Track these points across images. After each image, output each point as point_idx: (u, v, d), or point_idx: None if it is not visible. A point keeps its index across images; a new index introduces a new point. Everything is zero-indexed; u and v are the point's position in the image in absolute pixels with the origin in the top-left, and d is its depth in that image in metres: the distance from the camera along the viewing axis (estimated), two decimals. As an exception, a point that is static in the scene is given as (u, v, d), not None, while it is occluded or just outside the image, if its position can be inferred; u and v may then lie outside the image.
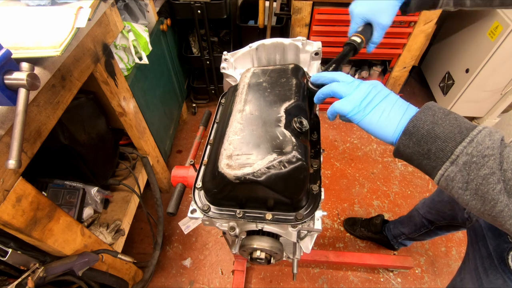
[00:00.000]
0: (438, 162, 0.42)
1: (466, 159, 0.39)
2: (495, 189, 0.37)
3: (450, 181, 0.41)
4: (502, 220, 0.38)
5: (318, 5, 1.75)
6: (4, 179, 0.66)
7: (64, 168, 1.22)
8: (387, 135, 0.48)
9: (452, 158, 0.40)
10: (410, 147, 0.45)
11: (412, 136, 0.44)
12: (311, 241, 0.78)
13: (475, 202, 0.40)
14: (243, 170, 0.56)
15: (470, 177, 0.39)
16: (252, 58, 0.92)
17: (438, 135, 0.42)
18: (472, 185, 0.39)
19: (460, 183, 0.40)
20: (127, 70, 1.36)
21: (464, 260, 0.87)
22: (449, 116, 0.43)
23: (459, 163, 0.39)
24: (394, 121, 0.47)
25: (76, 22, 0.79)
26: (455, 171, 0.40)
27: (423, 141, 0.43)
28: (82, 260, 0.96)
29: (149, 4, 1.51)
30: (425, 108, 0.45)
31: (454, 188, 0.41)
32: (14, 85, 0.58)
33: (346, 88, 0.53)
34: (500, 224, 0.40)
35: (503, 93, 1.96)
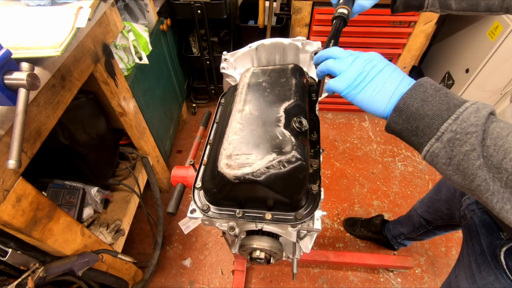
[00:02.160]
0: (425, 139, 0.43)
1: (450, 136, 0.40)
2: (474, 165, 0.39)
3: (435, 157, 0.43)
4: (479, 193, 0.40)
5: (318, 5, 1.75)
6: (4, 179, 0.66)
7: (64, 168, 1.22)
8: (378, 111, 0.49)
9: (437, 135, 0.42)
10: (400, 124, 0.46)
11: (402, 113, 0.45)
12: (311, 241, 0.78)
13: (456, 177, 0.42)
14: (242, 170, 0.56)
15: (453, 153, 0.40)
16: (252, 58, 0.92)
17: (426, 113, 0.43)
18: (455, 161, 0.41)
19: (444, 159, 0.42)
20: (127, 70, 1.36)
21: (459, 257, 0.88)
22: (439, 92, 0.44)
23: (444, 140, 0.41)
24: (386, 97, 0.48)
25: (76, 22, 0.79)
26: (440, 147, 0.42)
27: (412, 118, 0.44)
28: (82, 260, 0.96)
29: (149, 4, 1.51)
30: (417, 84, 0.46)
31: (438, 163, 0.43)
32: (14, 85, 0.58)
33: (341, 65, 0.53)
34: (478, 197, 0.41)
35: (503, 93, 1.96)
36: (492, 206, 0.40)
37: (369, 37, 1.84)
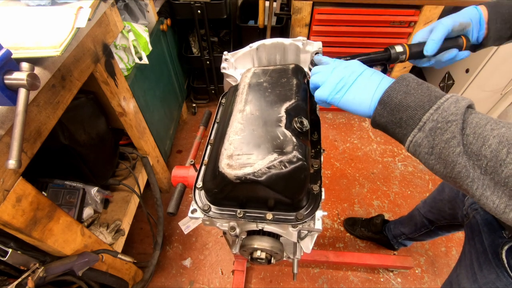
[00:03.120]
0: (408, 130, 0.45)
1: (432, 125, 0.42)
2: (454, 152, 0.40)
3: (418, 146, 0.44)
4: (460, 180, 0.41)
5: (318, 5, 1.75)
6: (4, 179, 0.66)
7: (64, 168, 1.22)
8: (364, 110, 0.51)
9: (420, 125, 0.43)
10: (384, 116, 0.48)
11: (386, 106, 0.47)
12: (312, 241, 0.78)
13: (438, 166, 0.43)
14: (243, 170, 0.56)
15: (435, 142, 0.42)
16: (253, 58, 0.92)
17: (409, 104, 0.44)
18: (436, 150, 0.42)
19: (426, 148, 0.43)
20: (127, 70, 1.36)
21: (461, 257, 0.88)
22: (421, 86, 0.46)
23: (426, 129, 0.42)
24: (368, 95, 0.50)
25: (76, 22, 0.79)
26: (422, 137, 0.43)
27: (396, 110, 0.46)
28: (82, 260, 0.96)
29: (149, 4, 1.51)
30: (399, 79, 0.47)
31: (421, 153, 0.44)
32: (14, 85, 0.58)
33: (322, 76, 0.57)
34: (460, 186, 0.42)
35: (503, 93, 1.96)
36: (472, 193, 0.41)
37: (369, 37, 1.84)
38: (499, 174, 0.37)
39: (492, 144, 0.38)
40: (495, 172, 0.38)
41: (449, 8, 1.76)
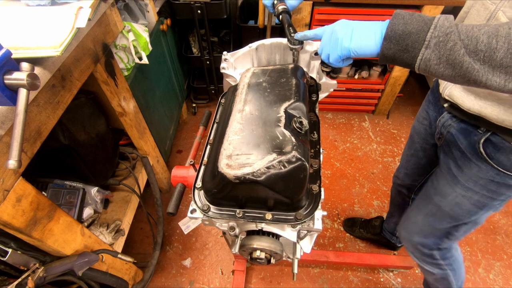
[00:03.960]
0: (416, 52, 0.53)
1: (436, 40, 0.51)
2: (460, 54, 0.49)
3: (427, 61, 0.53)
4: (468, 74, 0.50)
5: (318, 5, 1.75)
6: (4, 179, 0.66)
7: (64, 168, 1.22)
8: (372, 50, 0.59)
9: (425, 44, 0.52)
10: (391, 48, 0.55)
11: (392, 39, 0.55)
12: (311, 241, 0.78)
13: (448, 70, 0.52)
14: (243, 170, 0.56)
15: (441, 53, 0.51)
16: (252, 58, 0.92)
17: (411, 31, 0.53)
18: (443, 58, 0.51)
19: (435, 60, 0.52)
20: (127, 70, 1.36)
21: (436, 175, 0.96)
22: (413, 15, 0.54)
23: (431, 46, 0.51)
24: (372, 37, 0.58)
25: (76, 22, 0.79)
26: (429, 52, 0.52)
27: (401, 39, 0.54)
28: (82, 260, 0.96)
29: (149, 4, 1.51)
30: (394, 16, 0.56)
31: (432, 66, 0.53)
32: (14, 85, 0.58)
33: (327, 46, 0.65)
34: (468, 79, 0.51)
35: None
36: (479, 80, 0.50)
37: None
38: (495, 59, 0.48)
39: (483, 40, 0.48)
40: (492, 59, 0.48)
41: (449, 8, 1.76)
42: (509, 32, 0.47)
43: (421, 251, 1.07)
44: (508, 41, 0.46)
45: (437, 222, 0.97)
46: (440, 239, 1.00)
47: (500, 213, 1.84)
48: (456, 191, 0.87)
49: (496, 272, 1.61)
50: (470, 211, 0.88)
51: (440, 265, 1.08)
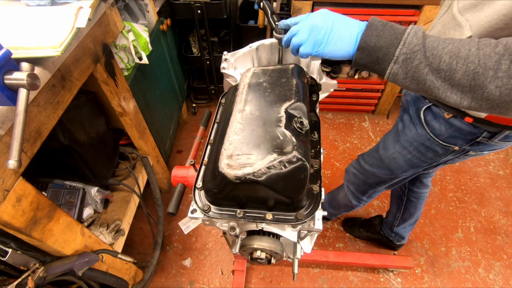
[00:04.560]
0: (386, 65, 0.56)
1: (403, 57, 0.54)
2: (423, 73, 0.53)
3: (395, 75, 0.56)
4: (430, 91, 0.55)
5: (318, 5, 1.75)
6: (4, 179, 0.66)
7: (64, 168, 1.22)
8: (345, 54, 0.62)
9: (394, 59, 0.55)
10: (364, 58, 0.59)
11: (364, 50, 0.58)
12: (312, 241, 0.78)
13: (413, 85, 0.56)
14: (243, 170, 0.56)
15: (407, 69, 0.54)
16: (252, 58, 0.92)
17: (382, 45, 0.56)
18: (410, 74, 0.55)
19: (402, 75, 0.56)
20: (127, 70, 1.36)
21: (390, 132, 1.09)
22: (386, 26, 0.57)
23: (399, 61, 0.55)
24: (347, 42, 0.60)
25: (76, 22, 0.79)
26: (397, 67, 0.55)
27: (373, 52, 0.57)
28: (82, 260, 0.96)
29: (149, 4, 1.51)
30: (369, 25, 0.58)
31: (399, 79, 0.57)
32: (14, 85, 0.58)
33: (303, 35, 0.65)
34: (429, 94, 0.56)
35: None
36: (439, 97, 0.55)
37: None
38: (454, 79, 0.52)
39: (446, 60, 0.52)
40: (451, 78, 0.52)
41: (449, 8, 1.76)
42: (468, 54, 0.50)
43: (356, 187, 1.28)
44: (466, 64, 0.50)
45: (378, 169, 1.14)
46: (374, 185, 1.19)
47: (500, 213, 1.85)
48: (395, 148, 1.02)
49: (496, 272, 1.61)
50: (402, 167, 1.03)
51: (361, 200, 1.31)
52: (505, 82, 0.48)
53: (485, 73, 0.49)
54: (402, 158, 1.01)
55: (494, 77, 0.48)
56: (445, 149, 0.89)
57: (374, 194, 1.27)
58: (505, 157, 2.15)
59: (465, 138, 0.83)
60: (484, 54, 0.49)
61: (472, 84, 0.50)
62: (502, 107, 0.50)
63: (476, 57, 0.50)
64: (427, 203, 1.89)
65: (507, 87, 0.48)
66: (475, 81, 0.50)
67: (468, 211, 1.86)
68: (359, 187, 1.26)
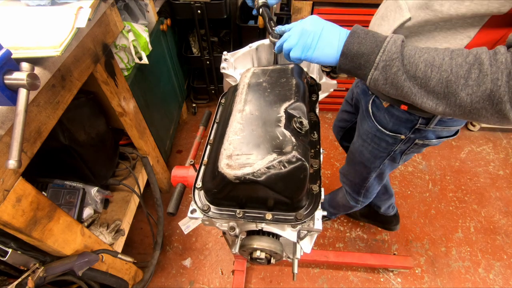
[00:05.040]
0: (367, 71, 0.60)
1: (383, 64, 0.57)
2: (401, 79, 0.56)
3: (376, 81, 0.59)
4: (408, 97, 0.58)
5: (318, 5, 1.75)
6: (4, 179, 0.66)
7: (64, 168, 1.22)
8: (331, 60, 0.64)
9: (375, 66, 0.58)
10: (347, 64, 0.62)
11: (347, 56, 0.61)
12: (311, 241, 0.78)
13: (392, 91, 0.59)
14: (243, 170, 0.56)
15: (387, 75, 0.57)
16: (252, 58, 0.92)
17: (363, 52, 0.59)
18: (389, 80, 0.58)
19: (382, 81, 0.59)
20: (127, 70, 1.36)
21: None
22: (368, 34, 0.60)
23: (380, 68, 0.57)
24: (333, 48, 0.63)
25: (76, 22, 0.79)
26: (378, 73, 0.58)
27: (355, 58, 0.60)
28: (82, 260, 0.96)
29: (149, 4, 1.51)
30: (352, 33, 0.61)
31: (379, 85, 0.60)
32: (14, 85, 0.58)
33: (293, 40, 0.67)
34: (407, 99, 0.59)
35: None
36: (416, 102, 0.58)
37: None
38: (429, 86, 0.55)
39: (421, 68, 0.55)
40: (427, 85, 0.55)
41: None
42: (441, 63, 0.54)
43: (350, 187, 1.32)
44: (440, 72, 0.53)
45: (355, 165, 1.18)
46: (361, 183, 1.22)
47: (500, 213, 1.85)
48: (359, 142, 1.08)
49: (496, 272, 1.61)
50: (369, 159, 1.07)
51: (358, 200, 1.34)
52: (475, 90, 0.51)
53: (457, 81, 0.52)
54: (365, 150, 1.06)
55: (465, 85, 0.52)
56: (394, 138, 0.94)
57: (367, 194, 1.29)
58: (505, 157, 2.15)
59: (406, 126, 0.89)
60: (456, 63, 0.53)
61: (446, 91, 0.54)
62: (474, 113, 0.53)
63: (449, 66, 0.53)
64: (427, 203, 1.89)
65: (477, 94, 0.51)
66: (448, 88, 0.53)
67: (468, 211, 1.86)
68: (352, 187, 1.30)
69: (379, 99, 0.91)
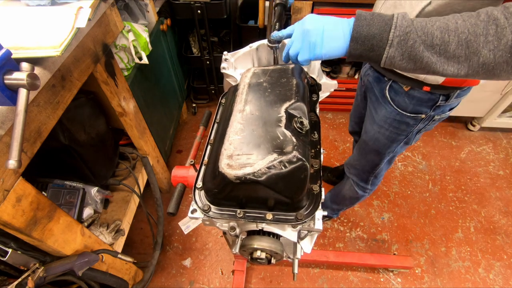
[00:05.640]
0: (381, 50, 0.58)
1: (397, 40, 0.56)
2: (419, 50, 0.55)
3: (392, 59, 0.58)
4: (428, 67, 0.57)
5: (318, 5, 1.75)
6: (4, 179, 0.66)
7: (64, 168, 1.22)
8: (341, 52, 0.63)
9: (389, 43, 0.56)
10: (358, 49, 0.60)
11: (358, 40, 0.59)
12: (312, 241, 0.78)
13: (410, 65, 0.58)
14: (243, 170, 0.56)
15: (403, 50, 0.56)
16: (253, 58, 0.92)
17: (374, 32, 0.58)
18: (406, 55, 0.56)
19: (399, 57, 0.57)
20: (127, 70, 1.36)
21: (366, 115, 1.17)
22: (373, 15, 0.59)
23: (394, 44, 0.56)
24: (340, 39, 0.62)
25: (76, 22, 0.79)
26: (393, 50, 0.57)
27: (367, 40, 0.59)
28: (82, 260, 0.96)
29: (149, 4, 1.51)
30: (357, 18, 0.60)
31: (396, 62, 0.58)
32: (14, 85, 0.58)
33: (298, 44, 0.67)
34: (428, 71, 0.58)
35: (503, 93, 1.96)
36: (438, 70, 0.57)
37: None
38: (449, 51, 0.54)
39: (437, 35, 0.54)
40: (446, 51, 0.54)
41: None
42: (456, 27, 0.54)
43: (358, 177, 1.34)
44: (458, 34, 0.53)
45: (367, 154, 1.20)
46: (371, 170, 1.26)
47: (500, 213, 1.85)
48: (374, 129, 1.09)
49: (496, 272, 1.61)
50: (385, 144, 1.09)
51: (366, 188, 1.37)
52: (496, 44, 0.52)
53: (476, 40, 0.52)
54: (382, 136, 1.08)
55: (486, 42, 0.52)
56: (414, 119, 0.97)
57: (375, 180, 1.33)
58: (505, 157, 2.15)
59: (427, 105, 0.92)
60: (471, 24, 0.53)
61: (467, 52, 0.54)
62: (497, 69, 0.54)
63: (464, 27, 0.53)
64: (427, 203, 1.89)
65: (499, 48, 0.52)
66: (469, 49, 0.53)
67: (468, 211, 1.86)
68: (361, 176, 1.32)
69: (397, 83, 0.92)
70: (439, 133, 2.29)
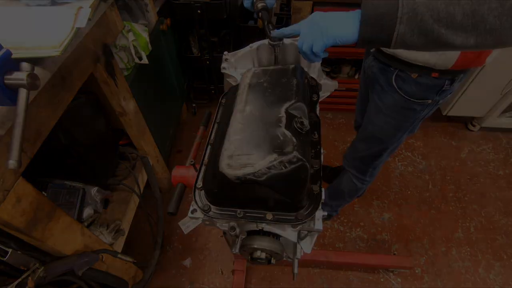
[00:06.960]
0: (391, 29, 0.58)
1: (406, 16, 0.56)
2: (429, 23, 0.56)
3: (403, 36, 0.58)
4: (440, 40, 0.57)
5: (318, 5, 1.75)
6: (4, 179, 0.66)
7: (64, 168, 1.21)
8: (351, 37, 0.64)
9: (399, 21, 0.57)
10: (369, 31, 0.61)
11: (368, 22, 0.60)
12: (312, 241, 0.78)
13: (422, 39, 0.58)
14: (243, 170, 0.56)
15: (413, 25, 0.57)
16: (253, 58, 0.92)
17: (383, 12, 0.58)
18: (416, 30, 0.57)
19: (409, 33, 0.58)
20: (127, 70, 1.36)
21: (368, 106, 1.20)
22: None
23: (404, 21, 0.57)
24: (350, 24, 0.63)
25: (76, 22, 0.79)
26: (404, 27, 0.57)
27: (376, 21, 0.60)
28: (82, 260, 0.96)
29: (149, 4, 1.51)
30: (364, 3, 0.61)
31: (407, 39, 0.59)
32: (14, 85, 0.58)
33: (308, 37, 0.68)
34: (439, 44, 0.58)
35: (503, 93, 1.96)
36: (447, 42, 0.57)
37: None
38: (456, 22, 0.55)
39: (443, 8, 0.55)
40: (453, 22, 0.55)
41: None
42: None
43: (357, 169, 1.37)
44: (462, 5, 0.54)
45: (371, 145, 1.23)
46: (372, 161, 1.29)
47: (500, 213, 1.85)
48: (380, 119, 1.12)
49: (496, 272, 1.62)
50: (391, 133, 1.13)
51: (364, 180, 1.40)
52: (500, 10, 0.52)
53: (481, 8, 0.53)
54: (389, 126, 1.11)
55: (490, 8, 0.53)
56: (421, 104, 1.01)
57: (374, 172, 1.36)
58: (505, 157, 2.15)
59: (433, 90, 0.97)
60: None
61: (473, 21, 0.54)
62: (504, 35, 0.54)
63: None
64: (427, 203, 1.89)
65: (504, 13, 0.52)
66: (475, 18, 0.54)
67: (468, 211, 1.86)
68: (360, 168, 1.35)
69: (404, 72, 0.97)
70: (439, 133, 2.29)
